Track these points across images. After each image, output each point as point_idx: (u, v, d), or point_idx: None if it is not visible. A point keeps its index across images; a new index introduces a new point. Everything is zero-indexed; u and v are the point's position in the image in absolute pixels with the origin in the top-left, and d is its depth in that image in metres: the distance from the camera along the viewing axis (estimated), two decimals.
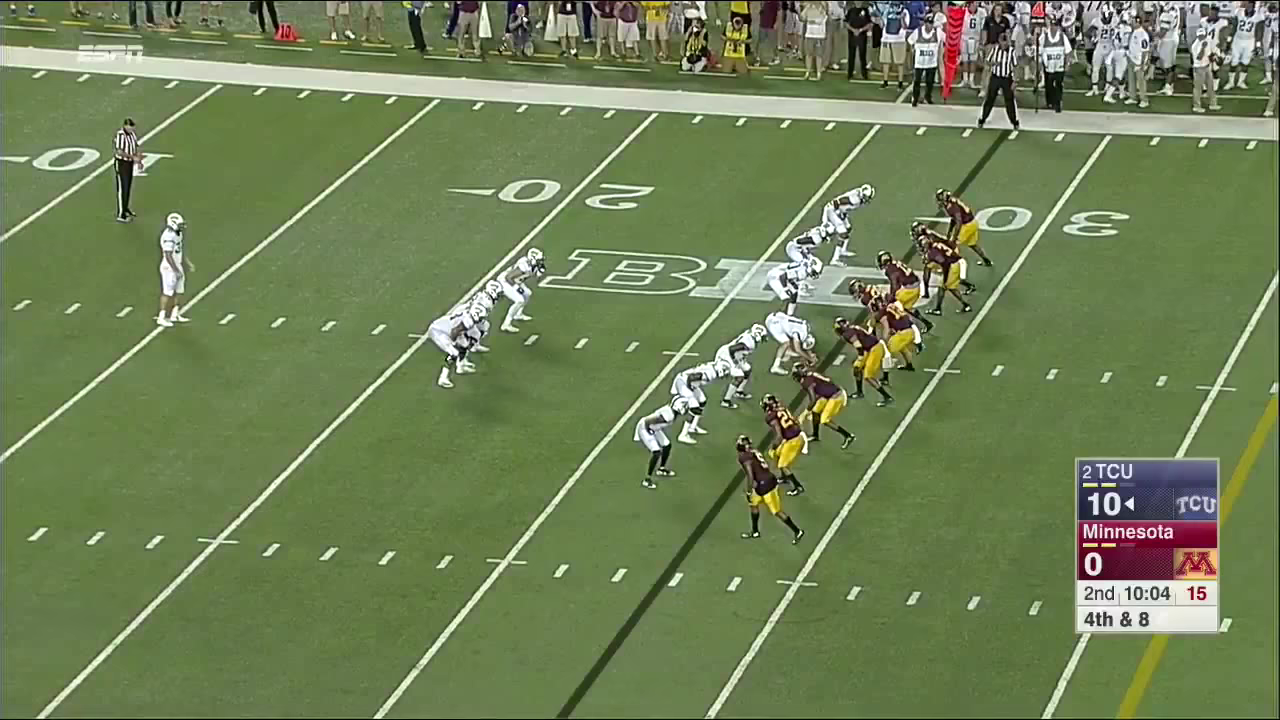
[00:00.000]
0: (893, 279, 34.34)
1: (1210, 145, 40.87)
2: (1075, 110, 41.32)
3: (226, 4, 45.38)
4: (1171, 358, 33.98)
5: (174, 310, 34.91)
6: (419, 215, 38.74)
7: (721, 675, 27.43)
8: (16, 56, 44.04)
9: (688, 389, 31.60)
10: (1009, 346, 34.36)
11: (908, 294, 34.07)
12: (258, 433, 32.58)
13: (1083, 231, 37.87)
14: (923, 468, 31.46)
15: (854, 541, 29.97)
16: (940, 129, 41.69)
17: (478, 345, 33.76)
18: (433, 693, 27.35)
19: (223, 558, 29.86)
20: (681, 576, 29.40)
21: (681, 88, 43.09)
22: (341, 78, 43.59)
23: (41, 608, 28.83)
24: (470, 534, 30.24)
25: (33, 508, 30.80)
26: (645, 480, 31.00)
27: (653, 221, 38.43)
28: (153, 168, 40.13)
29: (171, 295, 34.83)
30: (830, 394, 31.71)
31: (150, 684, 27.46)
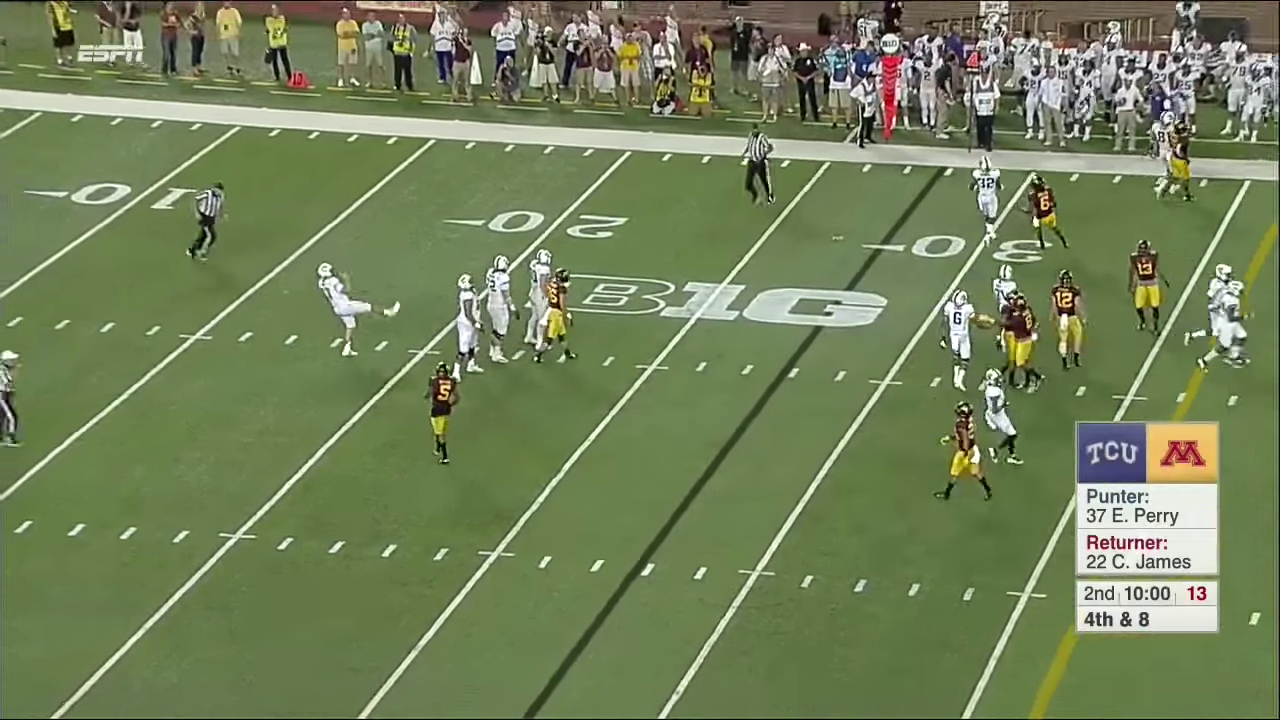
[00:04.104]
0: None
1: (1123, 181, 40.91)
2: (1004, 149, 41.36)
3: (244, 55, 45.28)
4: (1087, 374, 33.97)
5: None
6: (418, 243, 38.65)
7: (689, 655, 27.36)
8: (58, 103, 43.89)
9: (995, 388, 30.90)
10: (949, 358, 34.29)
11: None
12: (273, 439, 32.45)
13: (1010, 258, 37.85)
14: (869, 468, 31.44)
15: (808, 535, 29.93)
16: (884, 166, 41.68)
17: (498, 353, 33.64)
18: (431, 671, 27.26)
19: (242, 551, 29.73)
20: (653, 567, 29.33)
21: (652, 129, 43.06)
22: (347, 120, 43.47)
23: (78, 596, 28.69)
24: (463, 529, 30.14)
25: (71, 506, 30.67)
26: (1011, 460, 30.51)
27: (627, 248, 38.37)
28: (178, 202, 40.03)
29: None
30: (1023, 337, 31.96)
31: (177, 666, 27.33)
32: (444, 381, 31.47)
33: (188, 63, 45.14)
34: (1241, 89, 42.35)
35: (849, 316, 35.96)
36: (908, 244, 38.49)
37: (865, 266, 37.63)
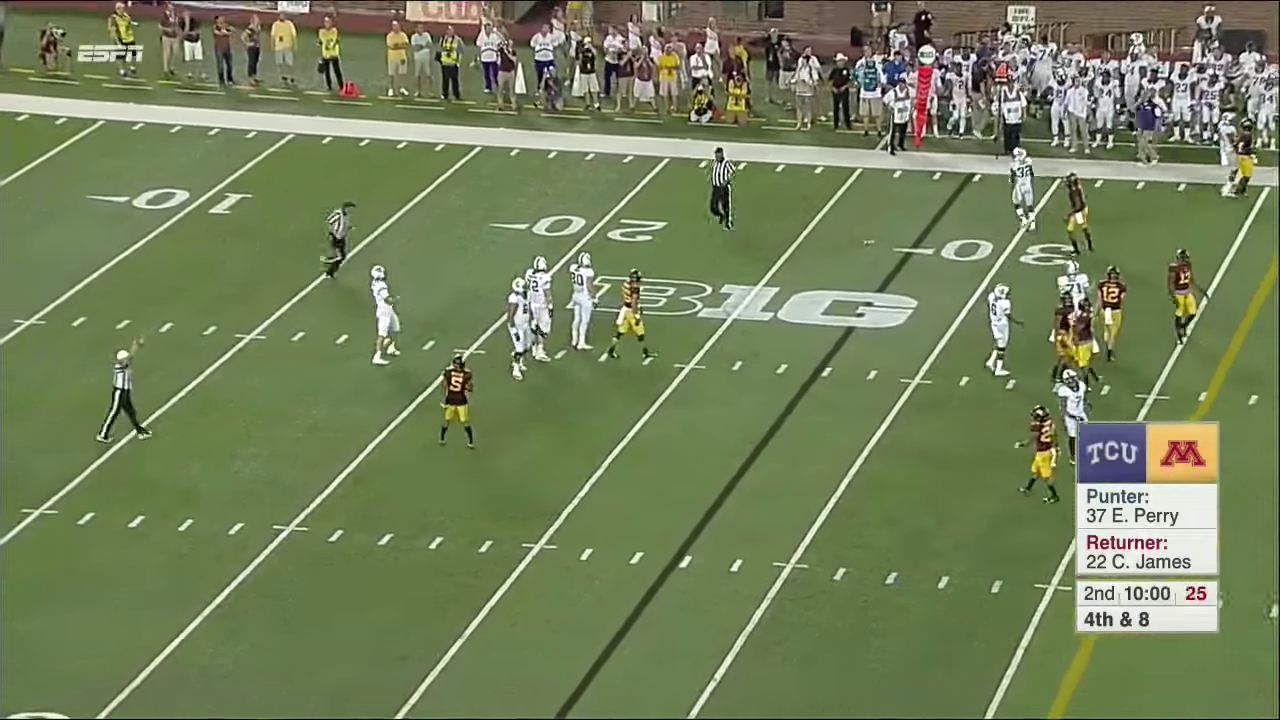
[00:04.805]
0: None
1: (1146, 187, 40.77)
2: (1031, 157, 41.21)
3: (298, 65, 45.39)
4: (1113, 372, 33.84)
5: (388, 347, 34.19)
6: (465, 247, 38.68)
7: (725, 645, 27.33)
8: (119, 111, 44.05)
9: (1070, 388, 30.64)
10: (977, 357, 34.22)
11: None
12: (325, 434, 32.51)
13: (1037, 261, 37.77)
14: (900, 465, 31.37)
15: (840, 529, 29.87)
16: (914, 172, 41.59)
17: (539, 351, 33.59)
18: (476, 659, 27.27)
19: (295, 543, 29.79)
20: (690, 559, 29.30)
21: (690, 137, 43.03)
22: (397, 128, 43.53)
23: (139, 586, 28.79)
24: (507, 523, 30.15)
25: (132, 499, 30.77)
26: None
27: (665, 252, 38.33)
28: (234, 207, 40.16)
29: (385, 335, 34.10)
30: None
31: (232, 653, 27.40)
32: (456, 373, 31.51)
33: (244, 73, 45.28)
34: (1258, 98, 42.22)
35: (880, 318, 35.89)
36: (937, 247, 38.40)
37: (896, 269, 37.55)
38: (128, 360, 32.00)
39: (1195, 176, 40.93)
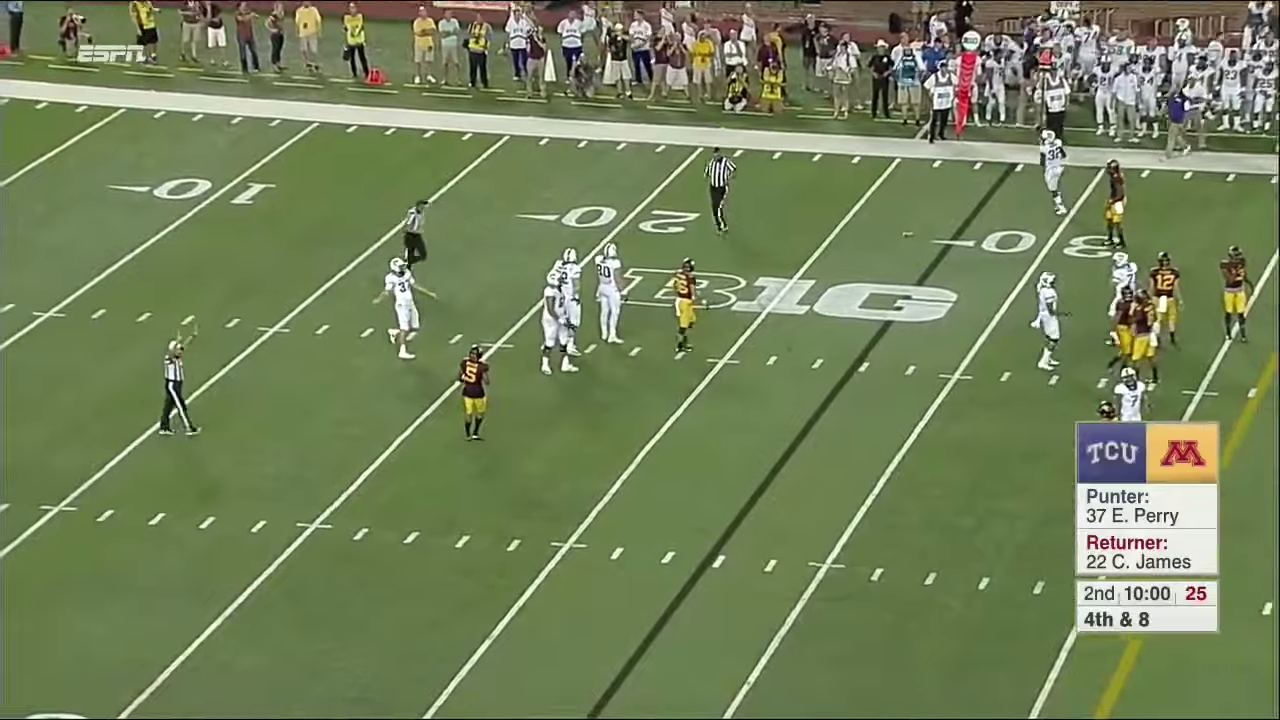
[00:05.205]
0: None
1: (1195, 178, 40.61)
2: (1074, 146, 41.10)
3: (323, 52, 45.45)
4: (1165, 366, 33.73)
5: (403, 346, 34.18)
6: (492, 238, 38.70)
7: (759, 647, 27.29)
8: (140, 99, 44.15)
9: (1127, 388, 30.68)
10: (1018, 352, 34.12)
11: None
12: (349, 430, 32.56)
13: (1080, 254, 37.65)
14: (939, 462, 31.32)
15: (878, 528, 29.82)
16: (954, 162, 41.48)
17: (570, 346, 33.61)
18: (503, 660, 27.27)
19: (318, 541, 29.84)
20: (724, 559, 29.28)
21: (724, 125, 42.98)
22: (423, 117, 43.54)
23: (160, 583, 28.86)
24: (535, 520, 30.14)
25: (152, 495, 30.84)
26: None
27: (699, 243, 38.28)
28: (257, 197, 40.24)
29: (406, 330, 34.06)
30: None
31: (254, 652, 27.44)
32: (471, 364, 31.55)
33: (268, 60, 45.36)
34: None
35: (919, 311, 35.81)
36: (978, 239, 38.29)
37: (936, 261, 37.45)
38: (178, 350, 32.07)
39: (1245, 167, 40.73)
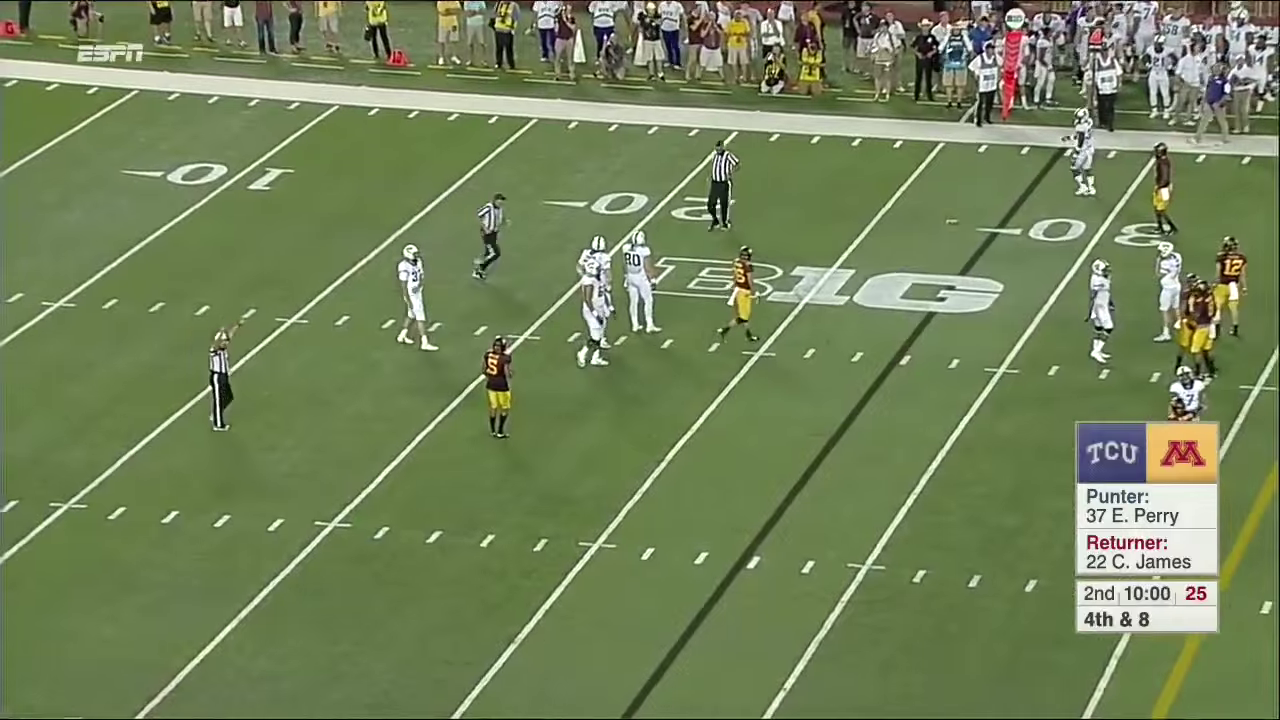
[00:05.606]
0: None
1: (1253, 162, 40.16)
2: (1126, 130, 40.67)
3: (343, 32, 45.25)
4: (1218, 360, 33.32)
5: (421, 338, 33.95)
6: (518, 225, 38.37)
7: (795, 651, 27.04)
8: (153, 80, 44.00)
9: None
10: (1067, 345, 33.75)
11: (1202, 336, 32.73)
12: (369, 425, 32.34)
13: (1133, 242, 37.24)
14: (984, 460, 30.97)
15: (919, 528, 29.49)
16: (1000, 147, 41.13)
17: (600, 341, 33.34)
18: (530, 663, 27.06)
19: (337, 540, 29.64)
20: (759, 559, 29.00)
21: (760, 108, 42.67)
22: (447, 99, 43.37)
23: (173, 584, 28.72)
24: (564, 519, 29.91)
25: (165, 492, 30.69)
26: None
27: (733, 232, 37.98)
28: (275, 182, 40.03)
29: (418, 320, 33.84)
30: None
31: (271, 654, 27.29)
32: (494, 356, 31.27)
33: (286, 40, 45.16)
34: None
35: (963, 302, 35.51)
36: (1025, 227, 38.00)
37: (981, 250, 37.16)
38: (224, 341, 31.83)
39: None
